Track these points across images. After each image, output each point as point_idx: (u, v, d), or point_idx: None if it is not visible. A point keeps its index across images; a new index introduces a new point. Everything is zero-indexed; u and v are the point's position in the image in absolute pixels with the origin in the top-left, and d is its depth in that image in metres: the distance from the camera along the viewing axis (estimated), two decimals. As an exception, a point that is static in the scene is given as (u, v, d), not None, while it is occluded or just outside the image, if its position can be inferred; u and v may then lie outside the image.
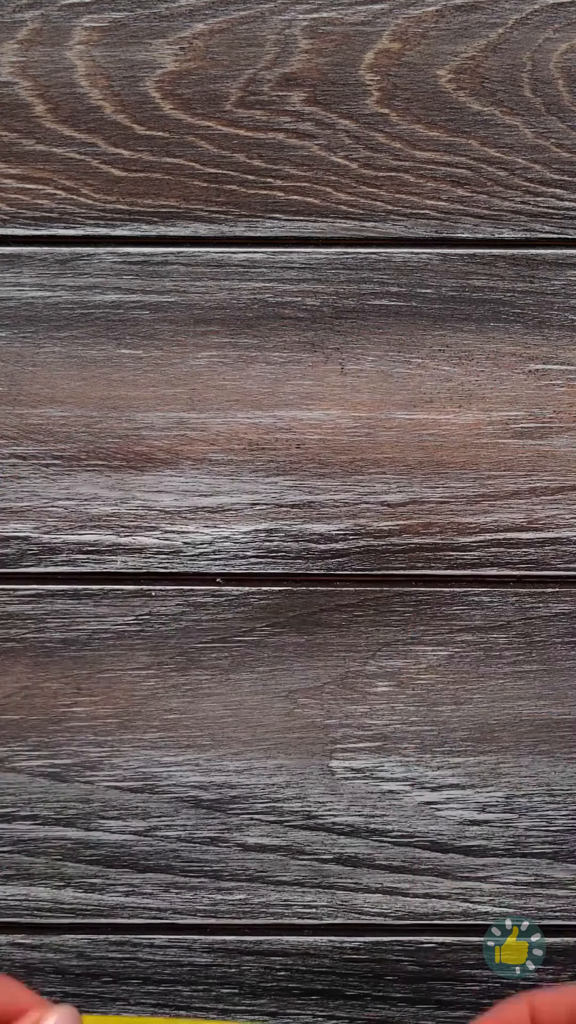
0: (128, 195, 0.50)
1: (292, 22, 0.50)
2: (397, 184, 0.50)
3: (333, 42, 0.50)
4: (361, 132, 0.50)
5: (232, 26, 0.50)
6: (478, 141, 0.50)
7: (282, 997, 0.52)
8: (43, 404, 0.51)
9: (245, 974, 0.52)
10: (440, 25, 0.50)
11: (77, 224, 0.50)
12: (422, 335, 0.51)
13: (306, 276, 0.51)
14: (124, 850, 0.52)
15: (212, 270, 0.50)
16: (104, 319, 0.51)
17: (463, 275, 0.51)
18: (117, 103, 0.50)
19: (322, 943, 0.52)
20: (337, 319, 0.51)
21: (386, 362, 0.51)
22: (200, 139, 0.50)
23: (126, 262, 0.50)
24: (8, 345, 0.51)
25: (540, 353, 0.51)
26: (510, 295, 0.51)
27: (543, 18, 0.50)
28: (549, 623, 0.51)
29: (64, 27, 0.50)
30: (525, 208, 0.51)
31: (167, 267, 0.50)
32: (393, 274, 0.51)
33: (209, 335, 0.51)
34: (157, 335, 0.51)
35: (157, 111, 0.50)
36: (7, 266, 0.50)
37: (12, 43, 0.50)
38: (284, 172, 0.50)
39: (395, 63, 0.50)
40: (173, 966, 0.52)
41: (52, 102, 0.50)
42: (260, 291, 0.51)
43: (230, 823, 0.52)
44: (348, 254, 0.51)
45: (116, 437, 0.51)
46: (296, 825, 0.52)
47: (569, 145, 0.50)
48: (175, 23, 0.50)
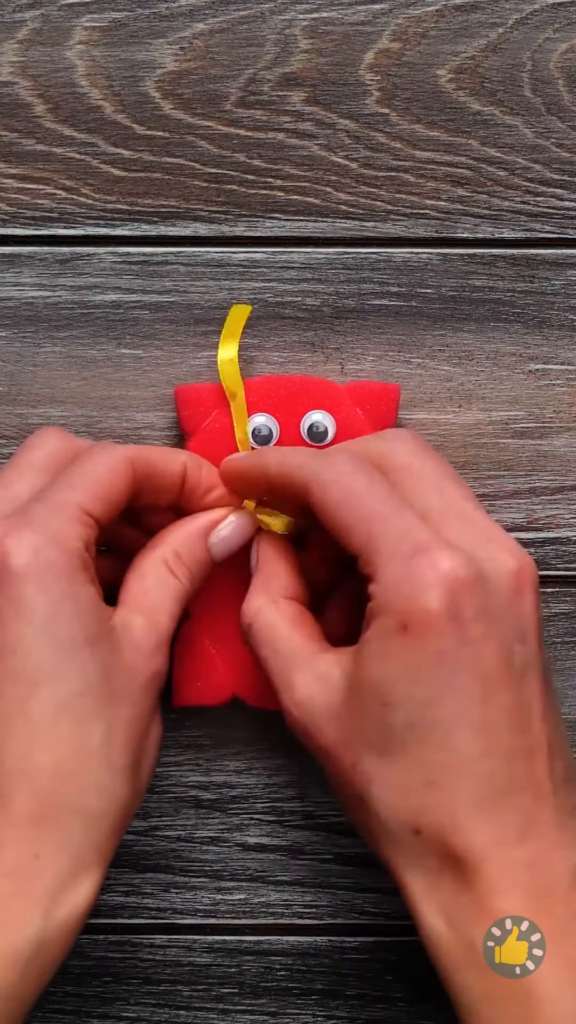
0: (128, 195, 0.50)
1: (292, 22, 0.50)
2: (397, 184, 0.50)
3: (333, 42, 0.50)
4: (361, 132, 0.50)
5: (232, 26, 0.50)
6: (478, 141, 0.50)
7: (282, 997, 0.52)
8: (43, 404, 0.51)
9: (245, 974, 0.52)
10: (440, 25, 0.50)
11: (77, 224, 0.50)
12: (422, 335, 0.51)
13: (306, 276, 0.51)
14: (124, 850, 0.52)
15: (212, 270, 0.50)
16: (104, 319, 0.51)
17: (463, 275, 0.51)
18: (117, 103, 0.50)
19: (322, 943, 0.52)
20: (337, 319, 0.51)
21: (386, 362, 0.51)
22: (200, 139, 0.50)
23: (126, 262, 0.50)
24: (8, 345, 0.51)
25: (540, 353, 0.51)
26: (510, 295, 0.51)
27: (543, 18, 0.50)
28: (549, 623, 0.51)
29: (64, 27, 0.50)
30: (525, 208, 0.51)
31: (167, 267, 0.50)
32: (393, 274, 0.51)
33: (209, 335, 0.51)
34: (157, 335, 0.51)
35: (157, 111, 0.50)
36: (7, 266, 0.50)
37: (12, 43, 0.50)
38: (284, 172, 0.50)
39: (395, 63, 0.50)
40: (173, 966, 0.52)
41: (52, 102, 0.50)
42: (260, 291, 0.51)
43: (230, 823, 0.52)
44: (348, 254, 0.51)
45: (116, 437, 0.51)
46: (296, 825, 0.52)
47: (569, 145, 0.50)
48: (175, 23, 0.50)
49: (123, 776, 0.42)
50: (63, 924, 0.40)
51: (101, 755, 0.41)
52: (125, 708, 0.42)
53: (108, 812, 0.41)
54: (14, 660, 0.40)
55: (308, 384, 0.49)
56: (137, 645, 0.43)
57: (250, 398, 0.49)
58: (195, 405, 0.49)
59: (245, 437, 0.48)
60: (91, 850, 0.41)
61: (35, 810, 0.40)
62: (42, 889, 0.40)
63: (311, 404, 0.49)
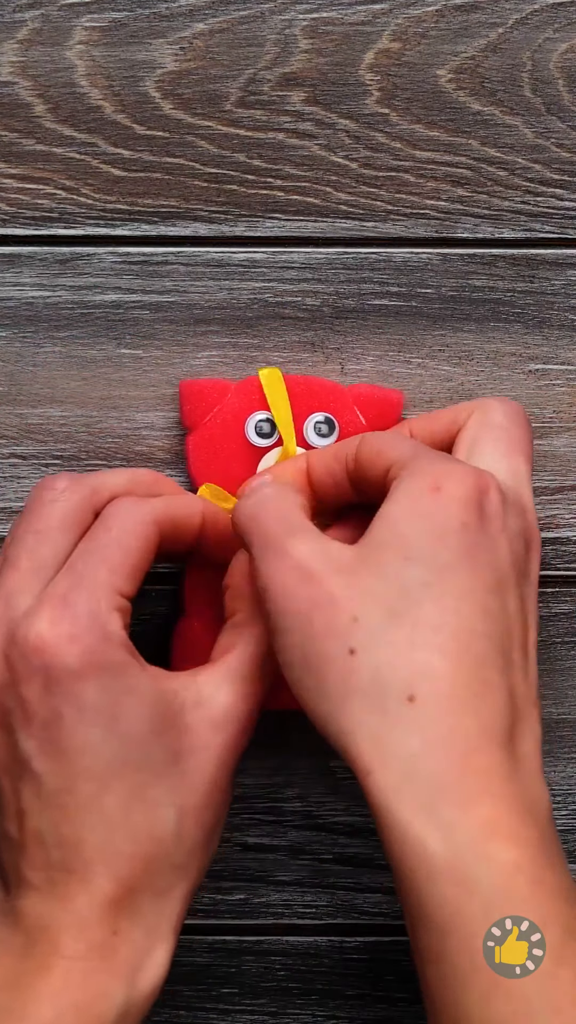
0: (128, 195, 0.50)
1: (292, 22, 0.50)
2: (397, 184, 0.50)
3: (333, 42, 0.50)
4: (361, 132, 0.50)
5: (232, 26, 0.50)
6: (478, 141, 0.50)
7: (282, 997, 0.52)
8: (43, 404, 0.51)
9: (245, 974, 0.52)
10: (440, 25, 0.50)
11: (77, 224, 0.50)
12: (422, 335, 0.51)
13: (306, 276, 0.51)
14: (124, 850, 0.52)
15: (212, 270, 0.50)
16: (104, 319, 0.51)
17: (463, 275, 0.51)
18: (117, 103, 0.50)
19: (322, 943, 0.52)
20: (337, 319, 0.51)
21: (386, 362, 0.51)
22: (200, 139, 0.50)
23: (126, 262, 0.50)
24: (8, 345, 0.50)
25: (540, 353, 0.51)
26: (510, 295, 0.51)
27: (543, 18, 0.50)
28: (549, 623, 0.51)
29: (64, 27, 0.50)
30: (525, 208, 0.51)
31: (167, 267, 0.50)
32: (393, 274, 0.51)
33: (209, 335, 0.51)
34: (157, 335, 0.51)
35: (157, 111, 0.50)
36: (7, 266, 0.50)
37: (12, 43, 0.50)
38: (284, 172, 0.50)
39: (395, 63, 0.50)
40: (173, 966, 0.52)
41: (52, 102, 0.50)
42: (260, 291, 0.51)
43: (230, 823, 0.52)
44: (348, 254, 0.51)
45: (116, 437, 0.51)
46: (296, 825, 0.52)
47: (569, 145, 0.50)
48: (175, 23, 0.50)
49: (195, 853, 0.43)
50: (144, 991, 0.42)
51: (174, 839, 0.42)
52: (199, 788, 0.43)
53: (179, 885, 0.43)
54: (84, 760, 0.41)
55: (313, 384, 0.49)
56: (215, 721, 0.43)
57: (253, 396, 0.49)
58: (197, 400, 0.49)
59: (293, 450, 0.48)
60: (164, 922, 0.42)
61: (114, 892, 0.41)
62: (123, 963, 0.41)
63: (315, 405, 0.49)
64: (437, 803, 0.39)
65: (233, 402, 0.49)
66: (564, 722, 0.52)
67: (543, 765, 0.41)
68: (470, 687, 0.40)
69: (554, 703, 0.52)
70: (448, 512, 0.41)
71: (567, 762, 0.52)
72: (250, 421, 0.49)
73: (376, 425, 0.49)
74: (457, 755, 0.39)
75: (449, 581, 0.40)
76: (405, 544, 0.41)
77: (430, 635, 0.40)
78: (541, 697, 0.45)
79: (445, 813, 0.39)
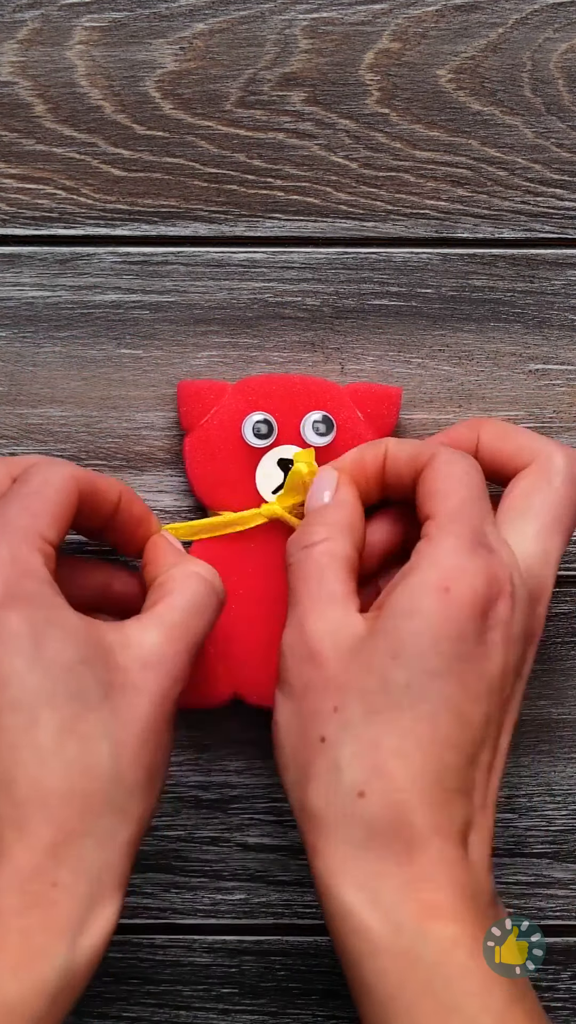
0: (128, 195, 0.50)
1: (292, 22, 0.50)
2: (397, 184, 0.50)
3: (333, 42, 0.50)
4: (361, 132, 0.50)
5: (232, 26, 0.50)
6: (478, 141, 0.50)
7: (282, 997, 0.52)
8: (43, 404, 0.51)
9: (245, 974, 0.52)
10: (440, 25, 0.50)
11: (77, 224, 0.50)
12: (422, 335, 0.51)
13: (306, 276, 0.51)
14: (124, 850, 0.52)
15: (212, 270, 0.50)
16: (104, 319, 0.51)
17: (463, 275, 0.51)
18: (117, 103, 0.50)
19: (322, 943, 0.52)
20: (337, 319, 0.51)
21: (386, 362, 0.51)
22: (200, 139, 0.50)
23: (126, 262, 0.50)
24: (8, 345, 0.51)
25: (540, 353, 0.51)
26: (510, 295, 0.51)
27: (543, 18, 0.50)
28: (549, 623, 0.51)
29: (64, 27, 0.50)
30: (525, 208, 0.51)
31: (167, 267, 0.51)
32: (393, 274, 0.51)
33: (209, 335, 0.51)
34: (157, 335, 0.51)
35: (157, 111, 0.50)
36: (7, 266, 0.50)
37: (12, 43, 0.50)
38: (284, 172, 0.50)
39: (395, 63, 0.50)
40: (173, 966, 0.52)
41: (52, 102, 0.50)
42: (260, 291, 0.51)
43: (230, 823, 0.52)
44: (348, 254, 0.51)
45: (116, 437, 0.51)
46: (296, 825, 0.52)
47: (569, 145, 0.50)
48: (175, 23, 0.50)
49: (135, 794, 0.41)
50: (88, 952, 0.40)
51: (111, 776, 0.41)
52: (133, 725, 0.41)
53: (121, 831, 0.41)
54: (10, 690, 0.40)
55: (309, 384, 0.49)
56: (145, 661, 0.42)
57: (249, 396, 0.49)
58: (195, 401, 0.49)
59: None
60: (108, 873, 0.40)
61: (51, 837, 0.39)
62: (65, 919, 0.39)
63: (312, 404, 0.49)
64: (378, 887, 0.40)
65: (230, 403, 0.49)
66: (564, 722, 0.52)
67: (493, 862, 0.42)
68: (426, 795, 0.40)
69: (554, 703, 0.52)
70: (449, 616, 0.41)
71: (567, 762, 0.52)
72: (247, 422, 0.49)
73: (375, 422, 0.49)
74: (400, 848, 0.40)
75: (432, 688, 0.40)
76: (398, 642, 0.41)
77: (396, 739, 0.40)
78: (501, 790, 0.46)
79: (386, 896, 0.40)
